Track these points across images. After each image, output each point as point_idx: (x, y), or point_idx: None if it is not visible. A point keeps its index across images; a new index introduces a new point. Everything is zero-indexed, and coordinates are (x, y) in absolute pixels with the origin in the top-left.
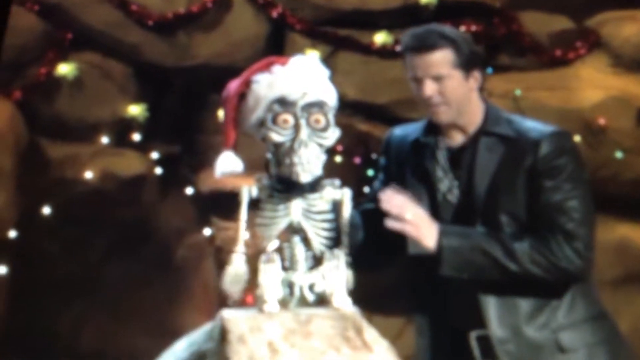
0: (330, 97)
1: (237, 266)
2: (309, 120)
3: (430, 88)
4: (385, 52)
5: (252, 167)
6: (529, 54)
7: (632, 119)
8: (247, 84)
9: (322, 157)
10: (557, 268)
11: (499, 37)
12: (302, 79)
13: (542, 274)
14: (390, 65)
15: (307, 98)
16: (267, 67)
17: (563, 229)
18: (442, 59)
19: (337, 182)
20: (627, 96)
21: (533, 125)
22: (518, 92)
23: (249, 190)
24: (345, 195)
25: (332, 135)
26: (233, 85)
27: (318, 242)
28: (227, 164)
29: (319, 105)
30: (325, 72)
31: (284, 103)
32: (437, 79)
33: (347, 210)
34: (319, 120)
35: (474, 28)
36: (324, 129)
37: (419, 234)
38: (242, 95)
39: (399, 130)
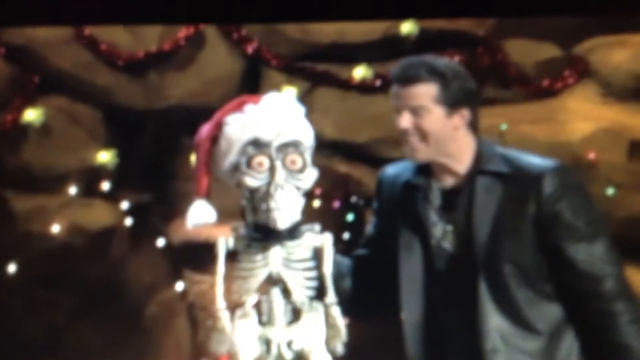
0: (306, 136)
1: (220, 325)
2: (284, 161)
3: (406, 120)
4: (365, 87)
5: (225, 215)
6: (515, 85)
7: (623, 152)
8: (219, 126)
9: (300, 201)
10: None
11: (483, 67)
12: (276, 118)
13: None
14: (371, 101)
15: (282, 138)
16: (239, 107)
17: (599, 295)
18: (423, 92)
19: (317, 227)
20: (618, 127)
21: (531, 160)
22: (504, 126)
23: (225, 241)
24: (327, 240)
25: (310, 176)
26: (205, 129)
27: (300, 292)
28: (200, 214)
29: (294, 145)
30: (300, 110)
31: (258, 145)
32: (415, 112)
33: (329, 257)
34: (295, 162)
35: (456, 58)
36: (301, 170)
37: None
38: (215, 139)
39: (391, 170)
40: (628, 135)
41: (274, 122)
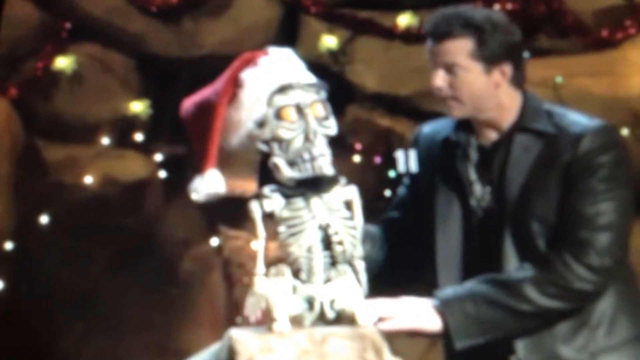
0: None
1: (257, 289)
2: (311, 109)
3: (440, 78)
4: (409, 37)
5: None
6: (572, 35)
7: None
8: (235, 85)
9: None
10: (573, 292)
11: (538, 16)
12: (292, 64)
13: (561, 305)
14: (416, 51)
15: (305, 81)
16: (250, 63)
17: (574, 241)
18: (457, 48)
19: (343, 179)
20: None
21: (577, 119)
22: (559, 79)
23: (259, 205)
24: (355, 193)
25: (334, 124)
26: (214, 92)
27: (350, 242)
28: (213, 184)
29: (316, 90)
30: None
31: (285, 92)
32: (450, 69)
33: (358, 209)
34: (319, 109)
35: (509, 6)
36: (326, 117)
37: (419, 324)
38: (230, 100)
39: (428, 128)
40: None
41: (293, 66)
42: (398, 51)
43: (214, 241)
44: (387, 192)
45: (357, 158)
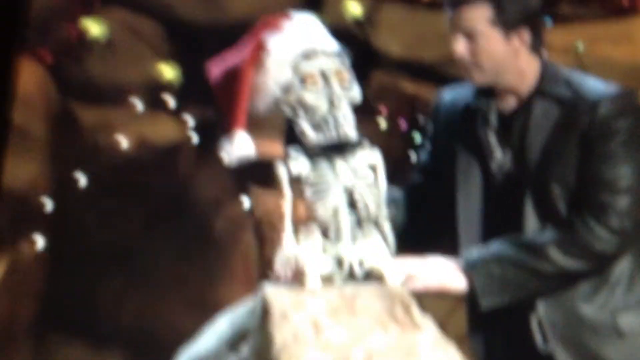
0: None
1: (287, 248)
2: (335, 75)
3: (461, 46)
4: (434, 4)
5: None
6: (593, 1)
7: None
8: (260, 49)
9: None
10: (594, 253)
11: None
12: (317, 30)
13: (583, 266)
14: (439, 18)
15: (329, 47)
16: (274, 27)
17: (595, 204)
18: (476, 15)
19: (368, 143)
20: None
21: (594, 85)
22: (580, 45)
23: (285, 166)
24: (379, 156)
25: (358, 90)
26: (240, 57)
27: (374, 204)
28: (244, 147)
29: (340, 57)
30: (326, 31)
31: (309, 58)
32: (470, 36)
33: (382, 173)
34: (343, 75)
35: None
36: (350, 84)
37: (446, 283)
38: (257, 64)
39: (448, 95)
40: None
41: (317, 33)
42: (422, 18)
43: (246, 201)
44: (412, 156)
45: (382, 123)
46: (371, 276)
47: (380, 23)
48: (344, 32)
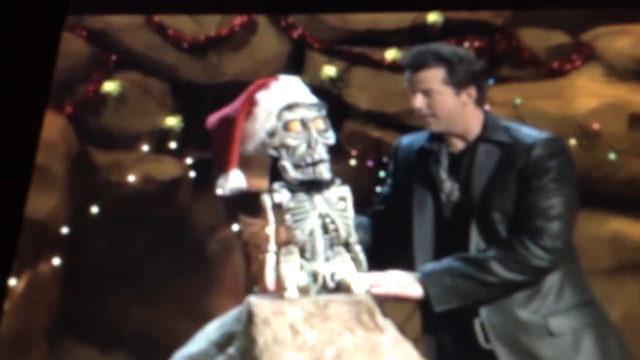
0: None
1: (270, 263)
2: (313, 123)
3: (419, 101)
4: (395, 67)
5: None
6: (528, 66)
7: (624, 124)
8: (251, 103)
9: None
10: (530, 268)
11: (501, 51)
12: (298, 87)
13: (521, 277)
14: (400, 78)
15: (308, 100)
16: (264, 87)
17: (531, 228)
18: (431, 76)
19: (339, 180)
20: (620, 103)
21: (529, 132)
22: (518, 100)
23: (269, 196)
24: (348, 191)
25: (332, 135)
26: (234, 109)
27: (344, 229)
28: (236, 182)
29: (318, 108)
30: (307, 88)
31: (291, 109)
32: (426, 93)
33: (350, 205)
34: (320, 123)
35: (477, 44)
36: (326, 130)
37: (405, 291)
38: (247, 115)
39: (406, 139)
40: (629, 109)
41: (299, 90)
42: (386, 78)
43: (235, 227)
44: (378, 189)
45: (352, 162)
46: (341, 287)
47: (351, 82)
48: (321, 89)
